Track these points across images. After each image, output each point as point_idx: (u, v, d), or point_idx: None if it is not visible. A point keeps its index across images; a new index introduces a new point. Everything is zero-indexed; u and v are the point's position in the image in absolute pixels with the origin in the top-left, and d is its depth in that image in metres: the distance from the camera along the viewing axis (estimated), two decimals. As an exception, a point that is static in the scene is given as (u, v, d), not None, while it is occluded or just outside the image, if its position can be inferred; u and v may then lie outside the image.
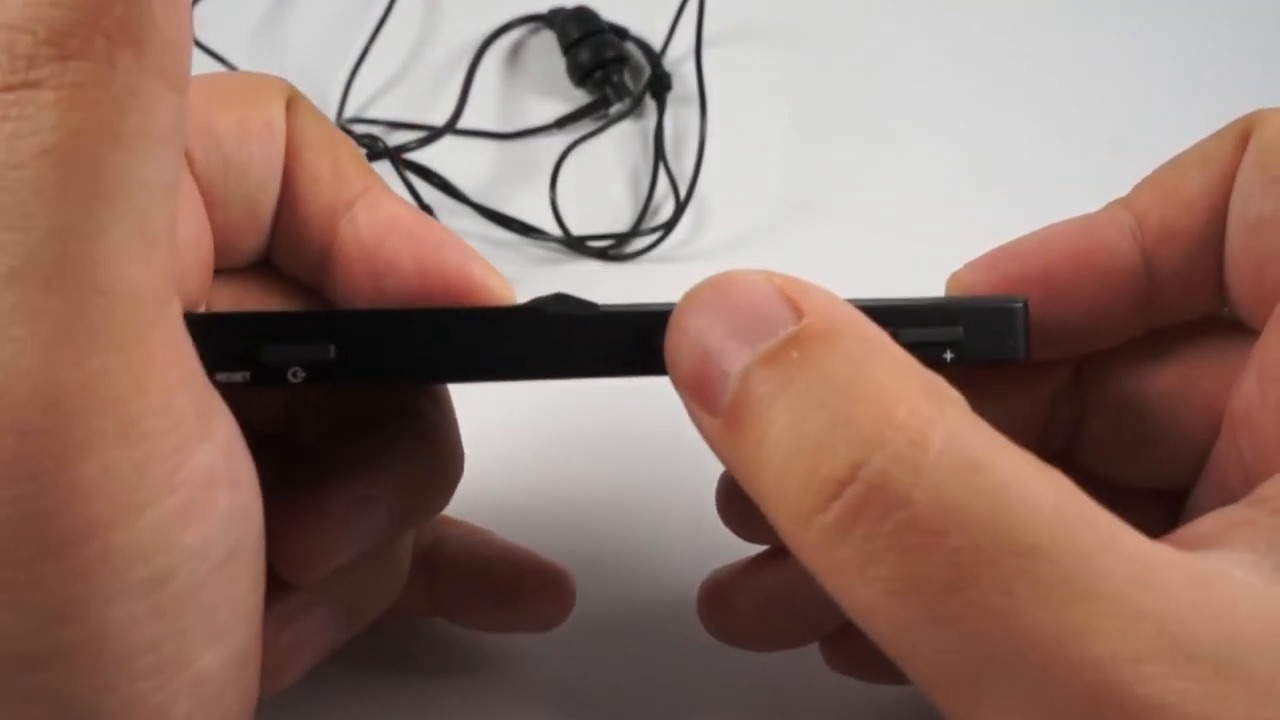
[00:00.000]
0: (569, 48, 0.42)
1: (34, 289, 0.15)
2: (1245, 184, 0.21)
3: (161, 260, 0.16)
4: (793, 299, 0.17)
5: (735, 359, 0.17)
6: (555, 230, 0.38)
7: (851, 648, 0.26)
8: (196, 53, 0.41)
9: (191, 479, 0.16)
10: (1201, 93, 0.42)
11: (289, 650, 0.22)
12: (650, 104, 0.42)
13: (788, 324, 0.17)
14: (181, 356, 0.17)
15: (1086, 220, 0.23)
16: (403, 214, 0.22)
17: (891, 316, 0.19)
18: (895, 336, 0.18)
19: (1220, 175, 0.21)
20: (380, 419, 0.23)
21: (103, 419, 0.15)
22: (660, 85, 0.41)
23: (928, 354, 0.19)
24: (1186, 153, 0.22)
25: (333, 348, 0.18)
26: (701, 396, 0.18)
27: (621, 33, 0.43)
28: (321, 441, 0.23)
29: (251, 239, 0.22)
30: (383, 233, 0.22)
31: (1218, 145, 0.22)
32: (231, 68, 0.41)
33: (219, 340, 0.18)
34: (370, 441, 0.23)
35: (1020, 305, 0.21)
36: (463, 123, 0.41)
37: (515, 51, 0.44)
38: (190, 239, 0.21)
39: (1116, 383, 0.24)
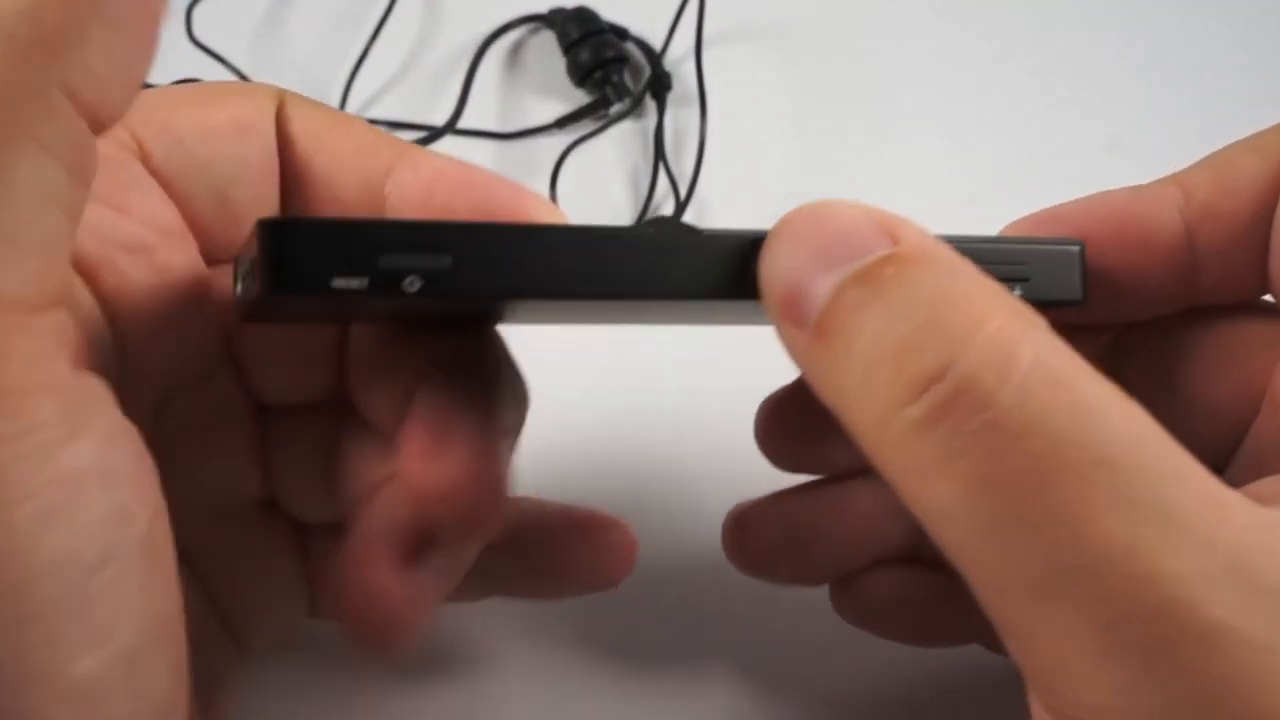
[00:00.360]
0: (569, 48, 0.42)
1: None
2: None
3: (34, 269, 0.16)
4: (888, 227, 0.18)
5: (829, 276, 0.18)
6: (555, 230, 0.38)
7: (861, 594, 0.26)
8: (196, 53, 0.41)
9: (55, 482, 0.16)
10: (1200, 93, 0.42)
11: (414, 603, 0.21)
12: (650, 104, 0.42)
13: (882, 248, 0.18)
14: (48, 358, 0.16)
15: (1135, 190, 0.23)
16: (445, 166, 0.22)
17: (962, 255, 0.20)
18: None
19: (1274, 165, 0.22)
20: (453, 364, 0.22)
21: None
22: (660, 85, 0.41)
23: None
24: (1244, 140, 0.23)
25: (449, 258, 0.18)
26: (792, 311, 0.18)
27: (621, 33, 0.43)
28: (387, 398, 0.23)
29: (228, 230, 0.22)
30: (430, 186, 0.22)
31: (1274, 136, 0.22)
32: (231, 67, 0.41)
33: (337, 246, 0.17)
34: (464, 381, 0.22)
35: (1079, 248, 0.22)
36: (463, 123, 0.41)
37: (515, 51, 0.44)
38: (147, 213, 0.21)
39: (1155, 355, 0.24)
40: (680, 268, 0.19)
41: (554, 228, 0.19)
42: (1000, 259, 0.21)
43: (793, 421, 0.26)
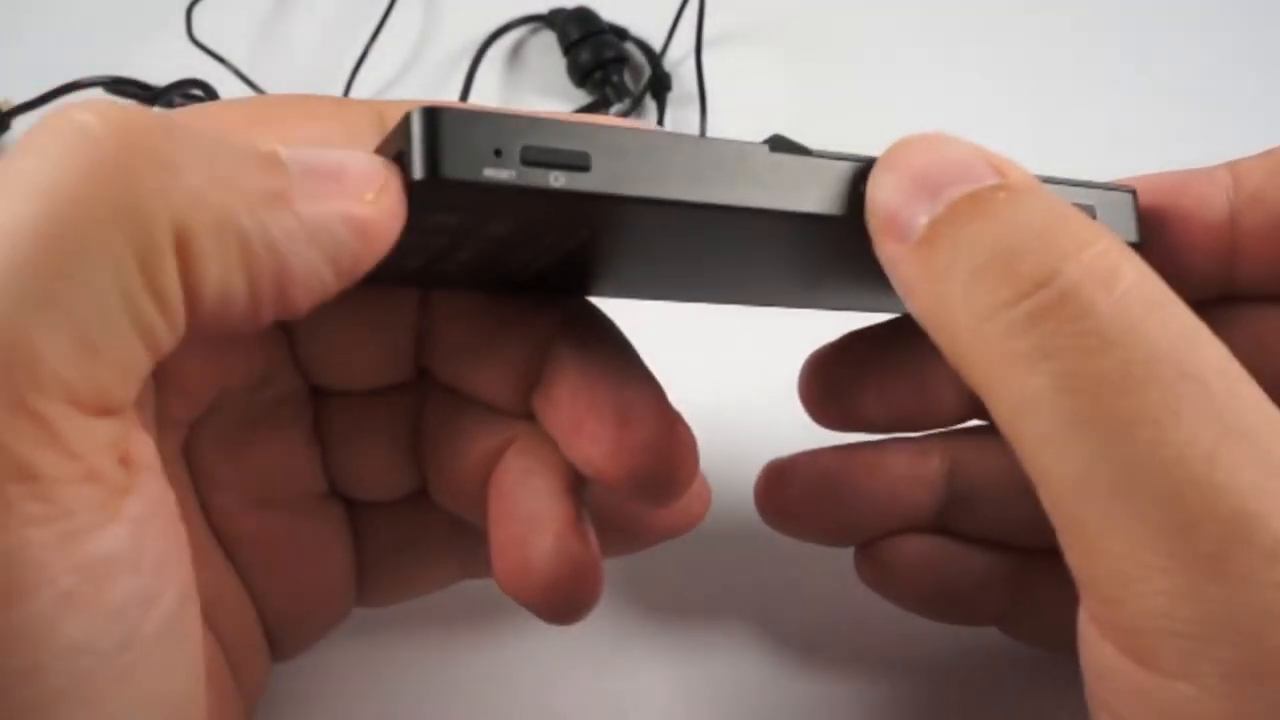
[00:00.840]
0: (569, 48, 0.42)
1: None
2: None
3: (106, 380, 0.16)
4: (996, 164, 0.19)
5: (940, 195, 0.19)
6: (555, 230, 0.38)
7: (885, 559, 0.26)
8: (196, 52, 0.41)
9: (80, 568, 0.15)
10: (1200, 93, 0.42)
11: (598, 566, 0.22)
12: (650, 104, 0.42)
13: (991, 178, 0.19)
14: (94, 453, 0.16)
15: (1186, 170, 0.24)
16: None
17: None
18: None
19: None
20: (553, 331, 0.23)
21: None
22: (660, 85, 0.41)
23: None
24: None
25: (590, 155, 0.18)
26: (897, 227, 0.19)
27: (621, 33, 0.43)
28: (503, 373, 0.23)
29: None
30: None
31: None
32: (231, 68, 0.41)
33: (485, 137, 0.18)
34: (597, 347, 0.23)
35: (1132, 192, 0.23)
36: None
37: (515, 51, 0.44)
38: None
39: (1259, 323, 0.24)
40: (792, 183, 0.20)
41: (687, 136, 0.19)
42: (1069, 197, 0.22)
43: (837, 378, 0.27)
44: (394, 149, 0.18)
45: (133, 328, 0.16)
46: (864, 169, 0.20)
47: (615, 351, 0.23)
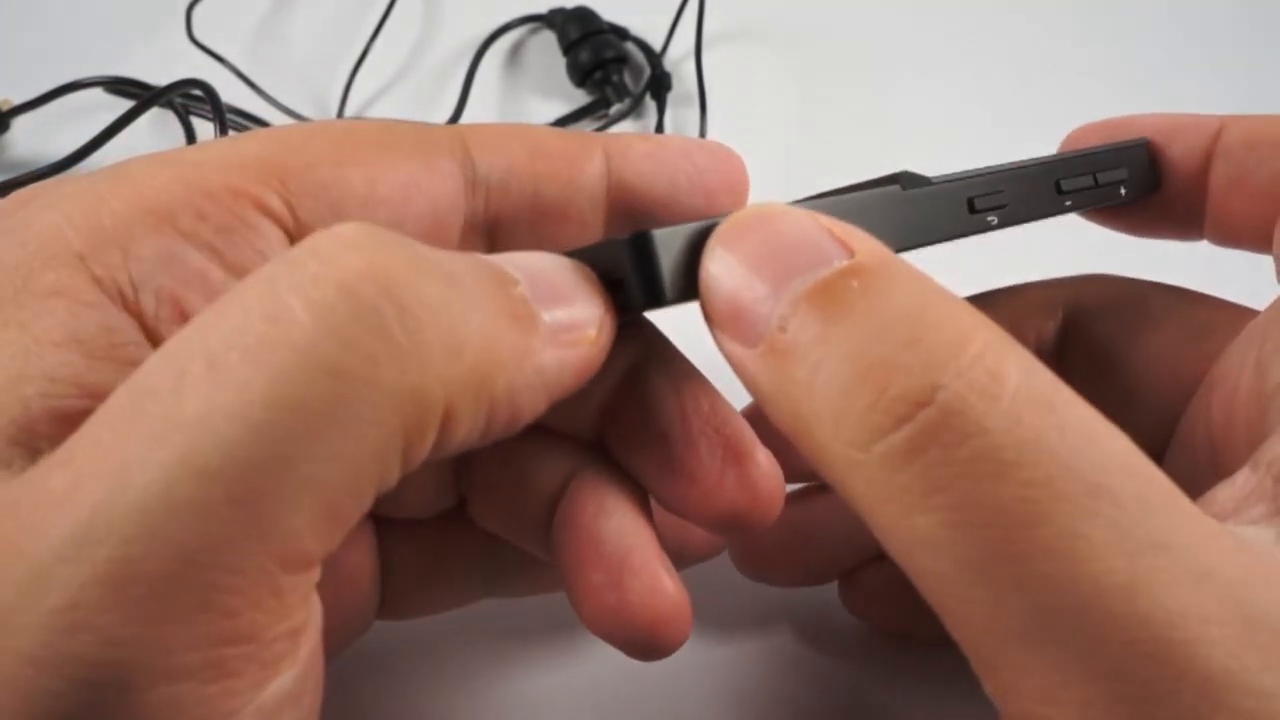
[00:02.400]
0: (569, 48, 0.42)
1: (216, 493, 0.14)
2: None
3: (332, 539, 0.15)
4: (840, 235, 0.17)
5: (780, 288, 0.17)
6: (555, 230, 0.38)
7: (870, 585, 0.26)
8: (196, 53, 0.41)
9: (260, 711, 0.15)
10: (1200, 93, 0.42)
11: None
12: (650, 104, 0.42)
13: (839, 258, 0.17)
14: (298, 608, 0.15)
15: (1182, 116, 0.25)
16: (645, 144, 0.22)
17: (1073, 165, 0.23)
18: (1064, 190, 0.23)
19: None
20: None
21: (192, 655, 0.14)
22: (660, 85, 0.41)
23: (1108, 193, 0.24)
24: None
25: None
26: (739, 321, 0.17)
27: (621, 33, 0.43)
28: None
29: None
30: (656, 168, 0.21)
31: None
32: (231, 68, 0.41)
33: (691, 250, 0.18)
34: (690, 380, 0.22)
35: (1146, 142, 0.25)
36: (463, 123, 0.41)
37: (515, 51, 0.44)
38: None
39: (1100, 343, 0.24)
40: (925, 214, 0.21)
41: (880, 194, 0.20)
42: (1106, 164, 0.24)
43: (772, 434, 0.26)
44: (602, 267, 0.18)
45: (375, 491, 0.15)
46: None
47: (686, 371, 0.22)
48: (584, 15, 0.43)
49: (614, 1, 0.44)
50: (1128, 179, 0.24)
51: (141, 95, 0.39)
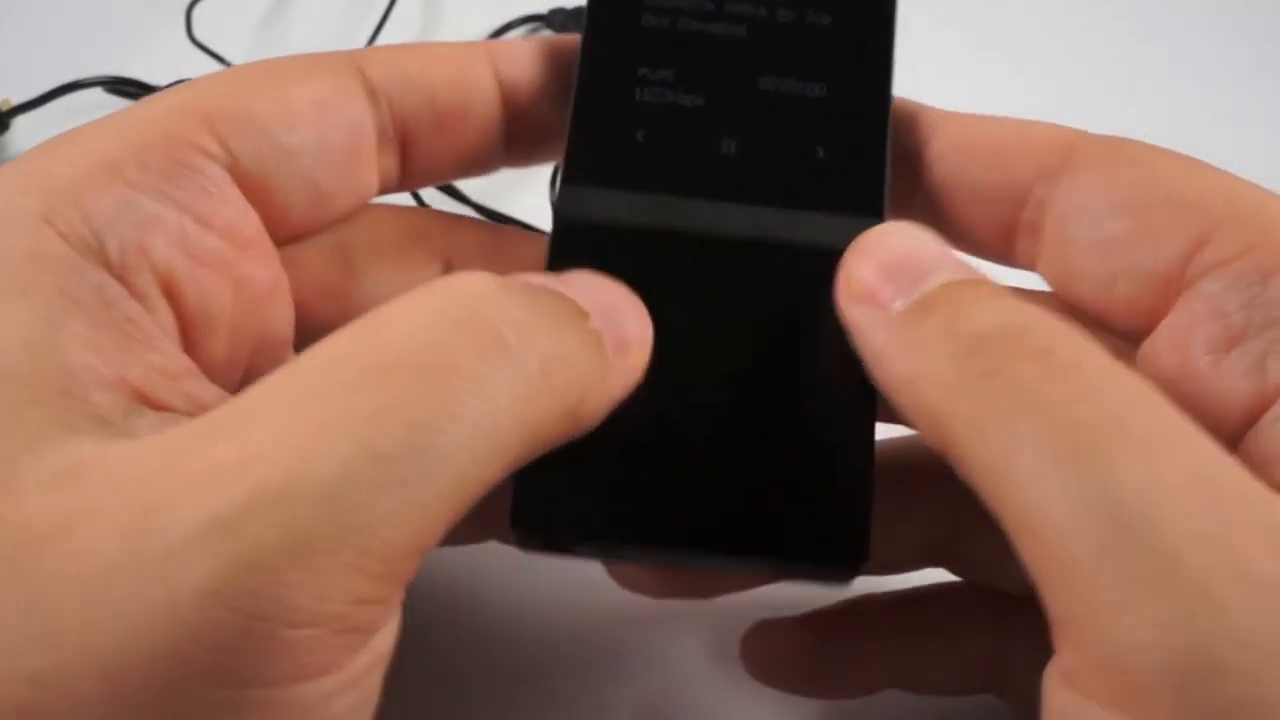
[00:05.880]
0: (569, 48, 0.42)
1: (390, 475, 0.16)
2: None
3: (427, 544, 0.17)
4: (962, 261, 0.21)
5: (926, 278, 0.20)
6: (555, 230, 0.38)
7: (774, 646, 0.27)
8: (196, 53, 0.41)
9: (374, 652, 0.17)
10: (1200, 93, 0.42)
11: None
12: (650, 104, 0.42)
13: (967, 273, 0.20)
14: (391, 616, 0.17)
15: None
16: (517, 47, 0.25)
17: None
18: None
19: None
20: None
21: (337, 606, 0.16)
22: (660, 85, 0.41)
23: None
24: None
25: None
26: (875, 297, 0.20)
27: (621, 33, 0.43)
28: None
29: (319, 214, 0.22)
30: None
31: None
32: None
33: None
34: None
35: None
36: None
37: (515, 51, 0.44)
38: (228, 223, 0.20)
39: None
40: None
41: None
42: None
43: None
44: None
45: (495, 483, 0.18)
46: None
47: None
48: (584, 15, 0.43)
49: (614, 1, 0.43)
50: None
51: (141, 95, 0.39)
